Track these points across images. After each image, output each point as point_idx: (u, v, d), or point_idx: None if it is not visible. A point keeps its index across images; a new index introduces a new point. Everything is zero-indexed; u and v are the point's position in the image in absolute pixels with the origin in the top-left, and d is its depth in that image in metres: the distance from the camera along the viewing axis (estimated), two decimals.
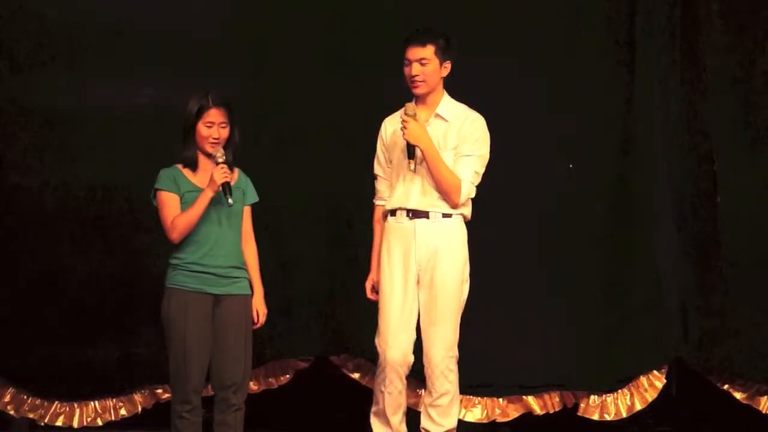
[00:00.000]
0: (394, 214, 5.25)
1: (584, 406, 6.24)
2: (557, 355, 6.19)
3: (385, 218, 5.32)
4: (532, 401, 6.28)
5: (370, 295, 5.36)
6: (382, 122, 5.41)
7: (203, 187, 4.97)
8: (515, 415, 6.30)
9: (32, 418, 6.27)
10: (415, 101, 5.23)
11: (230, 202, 4.93)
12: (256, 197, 5.20)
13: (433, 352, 5.15)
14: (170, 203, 5.00)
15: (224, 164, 4.95)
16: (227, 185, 4.93)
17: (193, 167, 5.05)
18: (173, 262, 5.02)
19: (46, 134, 6.24)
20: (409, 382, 5.34)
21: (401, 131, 5.13)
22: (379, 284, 5.29)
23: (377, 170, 5.39)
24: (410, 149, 5.14)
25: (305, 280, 6.26)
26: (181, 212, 4.97)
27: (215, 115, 4.99)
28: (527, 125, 6.23)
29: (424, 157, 5.13)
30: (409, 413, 5.32)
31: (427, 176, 5.17)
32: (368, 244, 5.46)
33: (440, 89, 5.26)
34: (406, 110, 5.17)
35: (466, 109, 5.28)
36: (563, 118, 6.25)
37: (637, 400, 6.21)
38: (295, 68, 6.27)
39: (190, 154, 5.04)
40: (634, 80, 6.24)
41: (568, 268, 6.23)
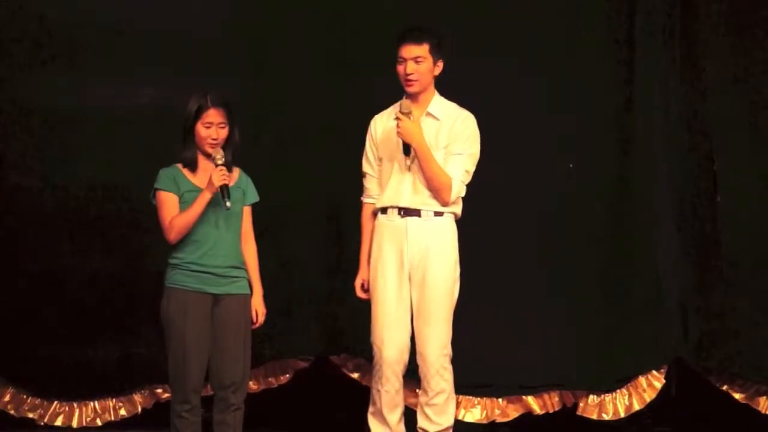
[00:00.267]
0: (385, 212, 5.24)
1: (583, 405, 6.24)
2: (557, 354, 6.19)
3: (374, 216, 5.30)
4: (531, 401, 6.28)
5: (359, 293, 5.35)
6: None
7: (202, 187, 4.95)
8: (515, 415, 6.30)
9: (32, 417, 6.29)
10: (407, 99, 5.22)
11: (228, 205, 4.91)
12: (256, 197, 5.18)
13: (427, 351, 5.15)
14: (169, 203, 4.99)
15: (223, 166, 4.93)
16: (225, 188, 4.91)
17: (192, 167, 5.03)
18: (172, 261, 5.01)
19: (46, 134, 6.25)
20: (407, 381, 5.33)
21: (396, 129, 5.13)
22: (370, 283, 5.28)
23: (366, 168, 5.37)
24: (405, 146, 5.14)
25: (305, 279, 6.27)
26: (179, 212, 4.97)
27: (214, 115, 4.98)
28: (527, 125, 6.23)
29: (416, 154, 5.12)
30: (408, 413, 5.32)
31: (419, 174, 5.16)
32: None
33: (432, 88, 5.25)
34: (401, 108, 5.16)
35: (456, 107, 5.27)
36: (563, 118, 6.25)
37: (635, 400, 6.21)
38: (295, 68, 6.27)
39: (189, 154, 5.03)
40: (633, 80, 6.24)
41: (568, 268, 6.23)
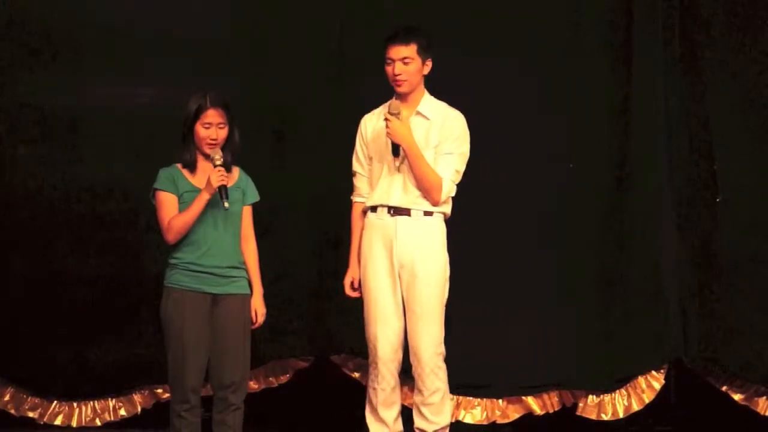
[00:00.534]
0: (375, 210, 5.24)
1: (582, 406, 6.23)
2: (557, 355, 6.18)
3: (364, 215, 5.30)
4: (531, 402, 6.27)
5: (349, 292, 5.35)
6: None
7: (202, 187, 4.94)
8: (515, 416, 6.29)
9: (32, 417, 6.29)
10: (396, 99, 5.22)
11: (226, 206, 4.90)
12: (256, 196, 5.18)
13: (421, 350, 5.14)
14: (168, 203, 4.99)
15: (221, 167, 4.93)
16: (224, 188, 4.90)
17: (191, 168, 5.03)
18: (172, 261, 5.01)
19: (46, 134, 6.25)
20: (406, 381, 5.33)
21: (385, 130, 5.13)
22: (361, 281, 5.28)
23: (356, 167, 5.37)
24: (395, 147, 5.14)
25: (305, 279, 6.26)
26: (178, 213, 4.96)
27: (213, 116, 4.97)
28: (527, 125, 6.23)
29: (406, 155, 5.12)
30: (407, 414, 5.32)
31: (409, 174, 5.15)
32: None
33: (421, 87, 5.24)
34: (390, 108, 5.16)
35: (446, 107, 5.27)
36: (563, 117, 6.25)
37: (634, 400, 6.20)
38: (295, 68, 6.27)
39: (189, 154, 5.03)
40: (633, 80, 6.22)
41: (567, 268, 6.22)
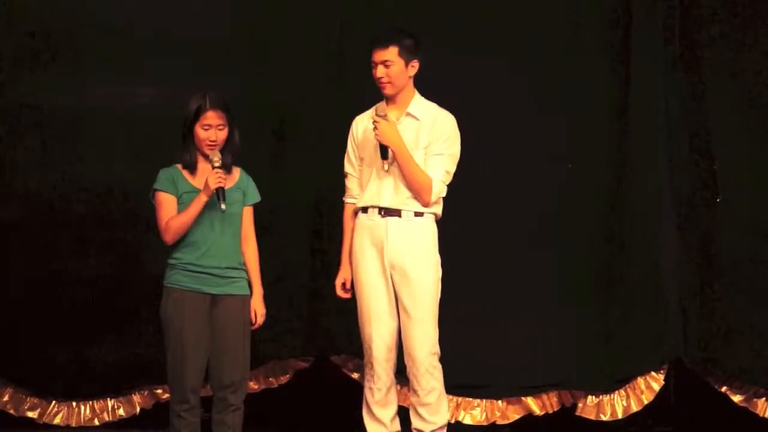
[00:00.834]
0: (365, 211, 5.24)
1: (582, 406, 6.23)
2: (556, 355, 6.18)
3: (355, 216, 5.30)
4: (531, 402, 6.27)
5: (340, 293, 5.35)
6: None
7: (201, 188, 4.94)
8: (515, 417, 6.28)
9: (31, 417, 6.29)
10: (386, 101, 5.22)
11: (222, 207, 4.90)
12: (257, 197, 5.17)
13: (416, 351, 5.14)
14: (166, 204, 4.99)
15: (219, 168, 4.93)
16: (221, 190, 4.90)
17: (191, 169, 5.03)
18: (171, 262, 5.02)
19: (46, 134, 6.25)
20: (404, 382, 5.33)
21: (373, 132, 5.13)
22: (354, 282, 5.28)
23: (347, 168, 5.37)
24: (383, 149, 5.13)
25: (305, 279, 6.26)
26: (177, 213, 4.96)
27: (212, 117, 4.97)
28: (527, 125, 6.23)
29: (395, 156, 5.11)
30: (405, 414, 5.31)
31: (399, 175, 5.15)
32: None
33: (410, 88, 5.23)
34: (376, 111, 5.16)
35: (437, 108, 5.26)
36: (563, 117, 6.24)
37: (633, 401, 6.19)
38: (295, 68, 6.26)
39: (188, 155, 5.03)
40: (633, 80, 6.21)
41: (567, 268, 6.21)
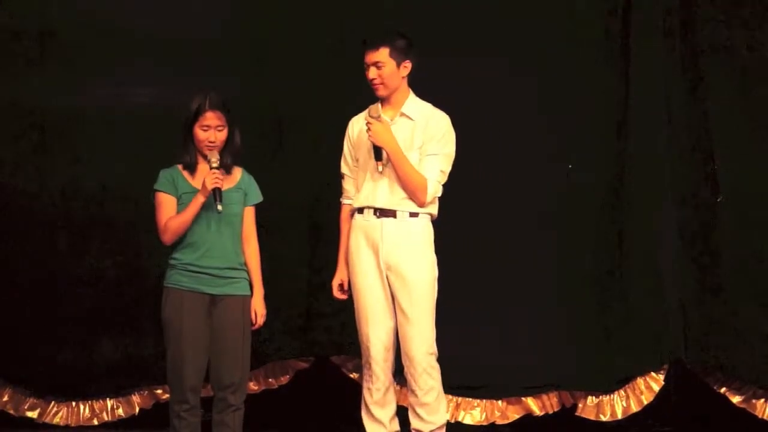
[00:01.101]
0: (361, 212, 5.24)
1: (582, 406, 6.23)
2: (557, 355, 6.17)
3: (351, 216, 5.30)
4: (531, 402, 6.27)
5: (337, 294, 5.35)
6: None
7: (200, 189, 4.95)
8: (515, 417, 6.29)
9: (31, 417, 6.30)
10: (380, 102, 5.21)
11: (219, 208, 4.90)
12: (259, 197, 5.17)
13: (413, 351, 5.13)
14: (166, 205, 5.00)
15: (217, 169, 4.93)
16: (218, 191, 4.90)
17: (191, 169, 5.04)
18: (171, 262, 5.02)
19: (45, 135, 6.25)
20: (403, 382, 5.33)
21: (366, 133, 5.13)
22: (351, 283, 5.28)
23: (344, 169, 5.37)
24: (377, 151, 5.13)
25: (305, 279, 6.26)
26: (176, 214, 4.97)
27: (211, 118, 4.97)
28: (527, 125, 6.22)
29: (389, 158, 5.11)
30: (403, 414, 5.31)
31: (394, 175, 5.14)
32: None
33: (404, 88, 5.22)
34: (370, 112, 5.15)
35: (431, 108, 5.25)
36: (563, 118, 6.24)
37: (632, 402, 6.19)
38: (295, 68, 6.26)
39: (188, 156, 5.04)
40: (633, 80, 6.21)
41: (567, 268, 6.21)
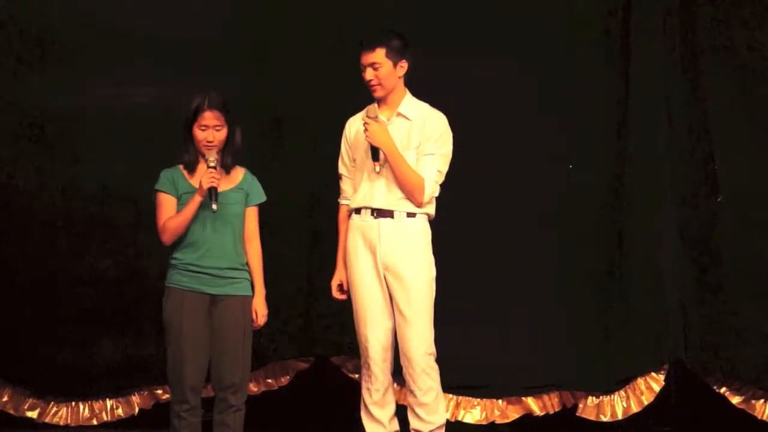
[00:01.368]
0: (358, 212, 5.23)
1: (582, 406, 6.23)
2: (557, 355, 6.17)
3: (349, 217, 5.30)
4: (531, 402, 6.27)
5: (336, 294, 5.34)
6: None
7: None
8: (515, 416, 6.28)
9: (31, 417, 6.29)
10: (377, 102, 5.21)
11: (214, 208, 4.90)
12: (262, 197, 5.16)
13: (412, 352, 5.13)
14: (166, 205, 5.00)
15: (213, 168, 4.93)
16: (213, 190, 4.90)
17: (191, 169, 5.04)
18: (172, 262, 5.03)
19: (46, 135, 6.25)
20: (402, 382, 5.32)
21: (364, 133, 5.12)
22: (348, 283, 5.27)
23: (341, 170, 5.37)
24: (374, 151, 5.12)
25: (305, 279, 6.25)
26: (175, 214, 4.97)
27: (209, 118, 4.97)
28: (527, 125, 6.23)
29: (386, 158, 5.11)
30: (402, 413, 5.31)
31: (391, 176, 5.14)
32: None
33: (401, 88, 5.22)
34: (367, 112, 5.15)
35: (428, 107, 5.24)
36: (563, 118, 6.24)
37: (633, 402, 6.19)
38: (295, 68, 6.26)
39: (188, 156, 5.04)
40: (633, 80, 6.21)
41: (568, 268, 6.21)
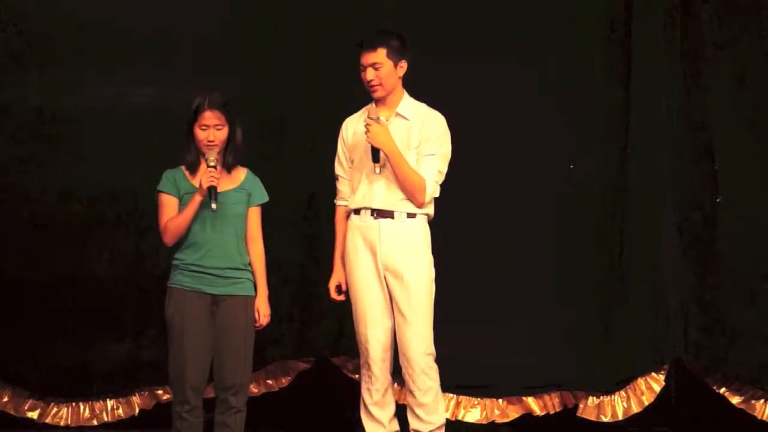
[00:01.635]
0: (358, 213, 5.23)
1: (583, 407, 6.23)
2: (557, 355, 6.17)
3: (347, 218, 5.29)
4: (531, 402, 6.27)
5: (334, 295, 5.34)
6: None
7: None
8: (515, 416, 6.28)
9: (31, 417, 6.29)
10: (375, 103, 5.22)
11: (213, 207, 4.90)
12: (264, 198, 5.17)
13: (411, 352, 5.13)
14: (167, 205, 5.01)
15: (213, 168, 4.93)
16: (213, 189, 4.90)
17: (193, 169, 5.05)
18: (174, 262, 5.04)
19: (46, 135, 6.24)
20: (402, 383, 5.33)
21: (365, 135, 5.12)
22: (348, 284, 5.27)
23: (338, 170, 5.37)
24: (375, 152, 5.12)
25: (304, 279, 6.25)
26: (176, 214, 4.98)
27: (209, 117, 4.98)
28: (527, 125, 6.23)
29: (387, 159, 5.11)
30: (402, 413, 5.32)
31: (390, 176, 5.14)
32: None
33: (399, 89, 5.23)
34: (369, 113, 5.14)
35: (426, 107, 5.25)
36: (563, 118, 6.24)
37: (633, 402, 6.18)
38: (295, 68, 6.26)
39: (190, 156, 5.05)
40: (634, 79, 6.20)
41: (568, 268, 6.21)
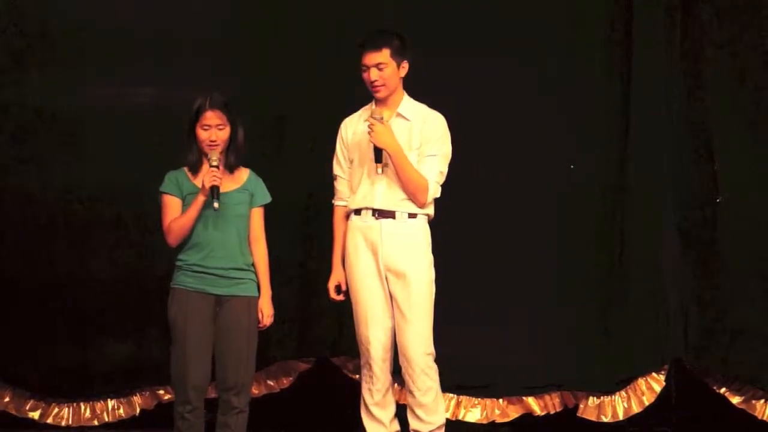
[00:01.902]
0: (358, 213, 5.23)
1: (583, 407, 6.23)
2: (557, 355, 6.18)
3: (346, 218, 5.29)
4: (532, 402, 6.27)
5: (333, 295, 5.33)
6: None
7: None
8: (515, 415, 6.28)
9: (32, 417, 6.29)
10: (376, 103, 5.22)
11: (215, 206, 4.90)
12: (267, 198, 5.16)
13: (411, 352, 5.14)
14: (170, 206, 5.01)
15: (215, 168, 4.93)
16: (216, 189, 4.90)
17: (195, 169, 5.05)
18: (177, 263, 5.04)
19: (46, 135, 6.24)
20: (401, 382, 5.33)
21: (368, 135, 5.11)
22: (348, 284, 5.27)
23: (336, 170, 5.36)
24: (377, 153, 5.12)
25: (304, 279, 6.25)
26: (179, 215, 4.98)
27: (211, 117, 4.98)
28: (527, 125, 6.23)
29: (390, 159, 5.10)
30: (402, 413, 5.32)
31: (392, 176, 5.14)
32: None
33: (400, 89, 5.23)
34: (372, 114, 5.14)
35: (426, 108, 5.26)
36: (563, 117, 6.24)
37: (634, 402, 6.18)
38: (295, 68, 6.26)
39: (192, 156, 5.05)
40: (634, 79, 6.20)
41: (568, 268, 6.22)
